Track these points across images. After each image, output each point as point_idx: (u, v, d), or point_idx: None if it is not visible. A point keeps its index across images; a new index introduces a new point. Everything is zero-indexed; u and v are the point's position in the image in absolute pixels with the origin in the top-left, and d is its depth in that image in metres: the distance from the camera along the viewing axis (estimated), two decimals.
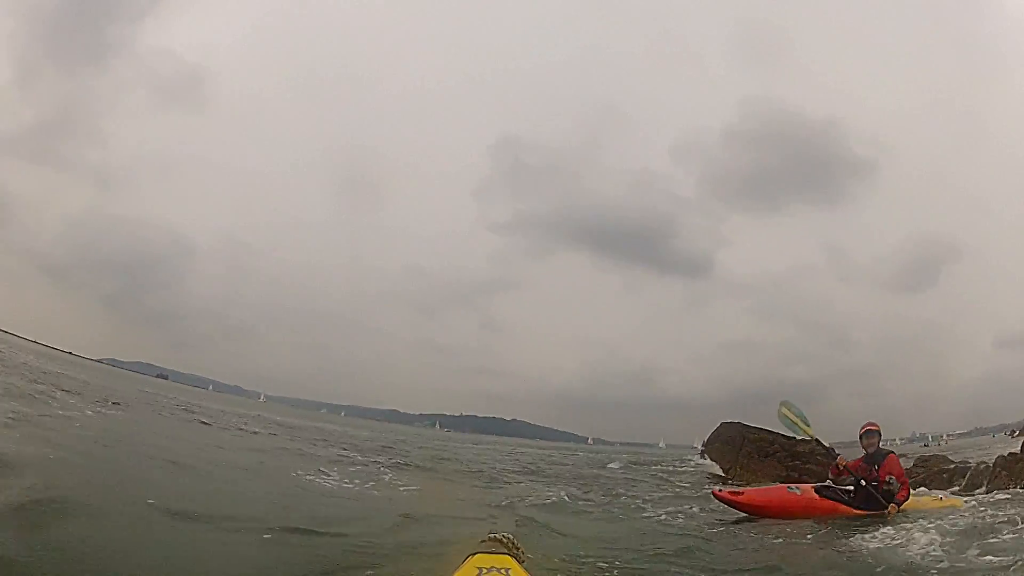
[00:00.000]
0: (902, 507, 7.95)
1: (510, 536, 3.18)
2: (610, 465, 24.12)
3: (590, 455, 31.81)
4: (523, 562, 2.91)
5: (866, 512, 7.99)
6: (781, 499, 8.33)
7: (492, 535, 3.18)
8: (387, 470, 11.31)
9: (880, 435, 8.36)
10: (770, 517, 7.87)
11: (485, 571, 2.64)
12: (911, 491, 8.39)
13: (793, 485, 8.71)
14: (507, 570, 2.68)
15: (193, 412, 21.24)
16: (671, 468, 24.82)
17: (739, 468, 22.62)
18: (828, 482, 8.48)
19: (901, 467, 8.29)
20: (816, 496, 8.28)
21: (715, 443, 25.89)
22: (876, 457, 8.20)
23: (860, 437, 8.24)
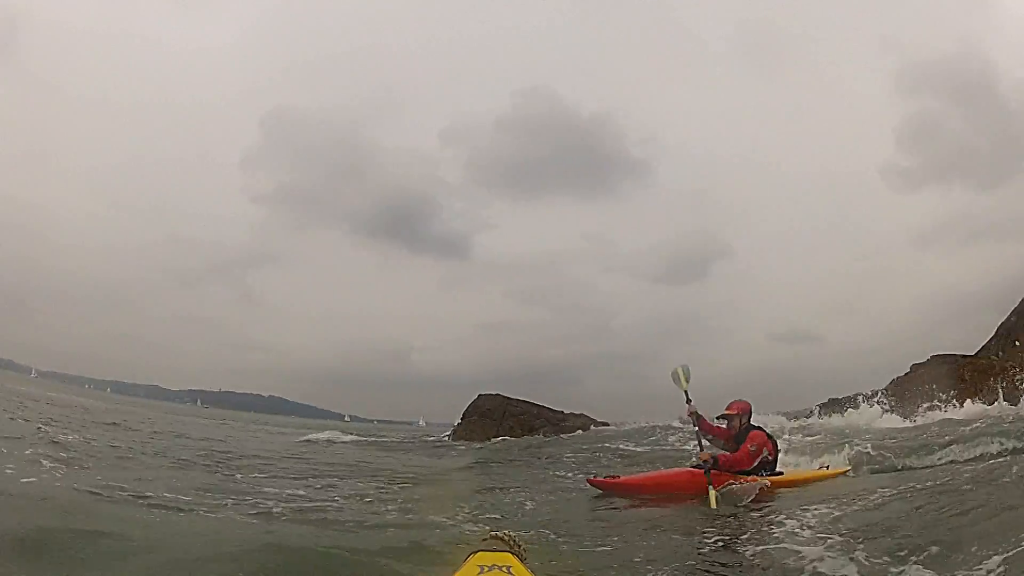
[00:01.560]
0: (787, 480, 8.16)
1: (511, 534, 2.93)
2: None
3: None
4: (525, 560, 2.75)
5: (743, 478, 7.86)
6: (654, 478, 8.34)
7: (494, 533, 2.92)
8: None
9: (748, 414, 8.22)
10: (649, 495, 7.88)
11: (487, 569, 2.53)
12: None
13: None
14: (508, 567, 2.56)
15: None
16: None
17: (501, 440, 20.35)
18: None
19: (768, 440, 8.20)
20: (689, 471, 8.08)
21: (473, 415, 23.40)
22: (740, 437, 8.14)
23: (723, 418, 8.28)
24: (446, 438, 25.22)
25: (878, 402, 21.00)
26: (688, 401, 8.10)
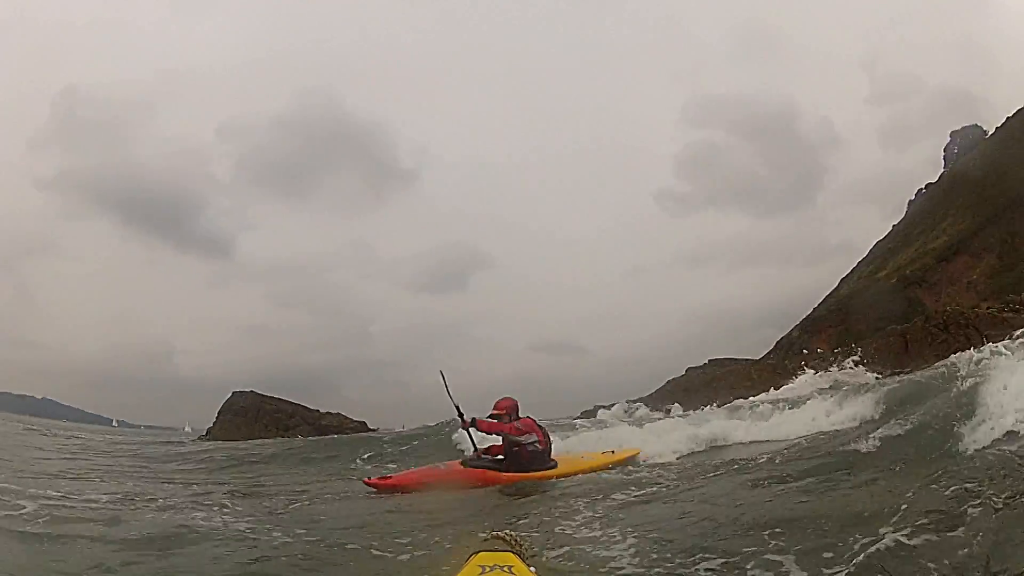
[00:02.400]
0: (577, 469, 8.44)
1: (513, 533, 3.08)
2: None
3: None
4: (526, 560, 2.84)
5: (521, 476, 8.10)
6: (428, 475, 8.25)
7: (495, 533, 3.07)
8: None
9: (515, 410, 8.37)
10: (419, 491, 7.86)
11: (488, 569, 2.63)
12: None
13: (441, 463, 8.76)
14: (510, 567, 2.66)
15: None
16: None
17: (256, 439, 19.04)
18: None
19: (538, 428, 8.40)
20: (461, 468, 8.33)
21: (227, 414, 21.63)
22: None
23: (493, 418, 8.33)
24: (193, 440, 23.06)
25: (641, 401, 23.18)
26: (460, 415, 8.23)
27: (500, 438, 8.42)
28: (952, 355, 11.39)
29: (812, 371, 21.91)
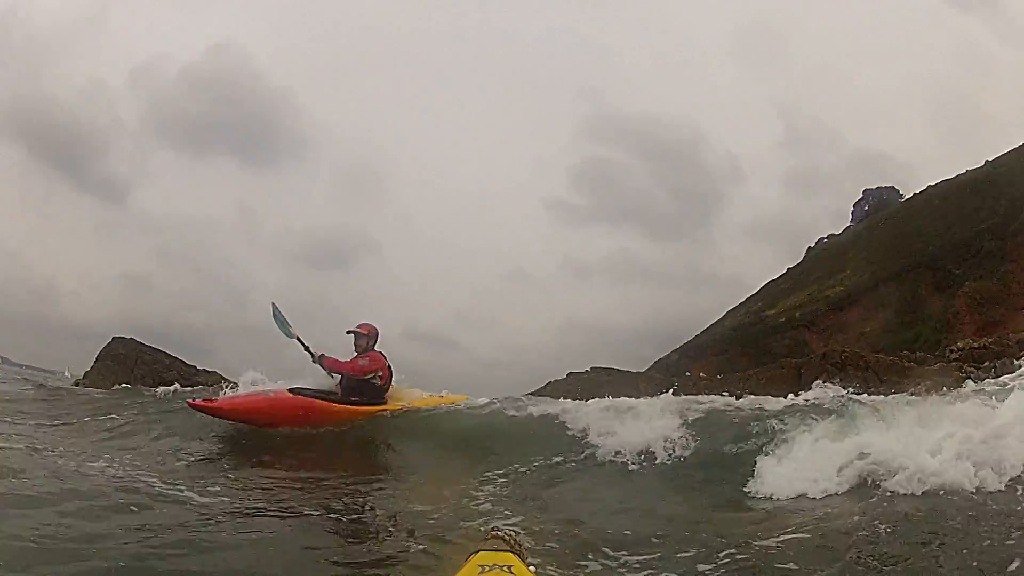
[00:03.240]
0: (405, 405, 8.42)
1: (512, 533, 3.08)
2: None
3: None
4: (526, 559, 2.85)
5: (356, 409, 8.06)
6: (255, 403, 7.93)
7: (495, 532, 3.04)
8: None
9: (375, 337, 8.34)
10: (249, 423, 7.82)
11: (488, 568, 2.61)
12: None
13: (269, 389, 8.26)
14: (510, 567, 2.64)
15: None
16: None
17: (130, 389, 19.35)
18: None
19: (386, 365, 8.33)
20: (289, 395, 7.99)
21: (106, 359, 21.92)
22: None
23: (352, 334, 8.31)
24: (67, 386, 23.18)
25: None
26: (307, 349, 8.16)
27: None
28: None
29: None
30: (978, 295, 35.69)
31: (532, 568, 2.80)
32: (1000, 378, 9.75)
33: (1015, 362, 14.61)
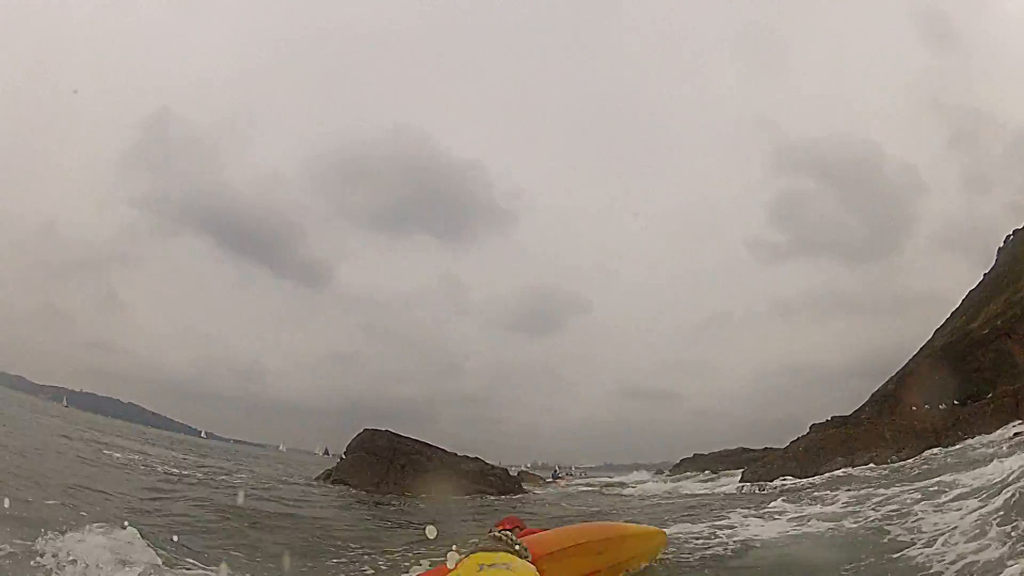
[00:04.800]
0: None
1: (511, 534, 3.09)
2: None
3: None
4: (524, 559, 2.82)
5: None
6: None
7: (493, 533, 3.11)
8: None
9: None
10: None
11: (487, 567, 2.68)
12: None
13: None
14: (508, 566, 2.71)
15: None
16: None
17: (390, 483, 19.18)
18: None
19: None
20: None
21: (358, 451, 21.82)
22: None
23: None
24: (315, 481, 23.17)
25: None
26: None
27: None
28: None
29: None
30: None
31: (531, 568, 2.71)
32: None
33: None
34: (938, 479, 11.66)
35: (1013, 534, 5.87)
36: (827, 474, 21.49)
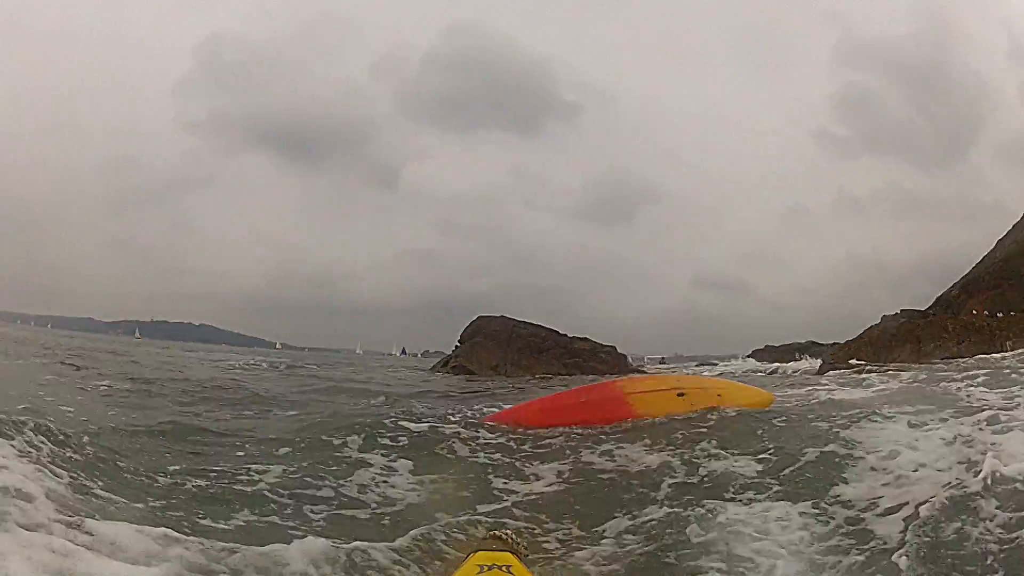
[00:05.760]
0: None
1: (511, 533, 3.15)
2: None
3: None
4: (524, 559, 2.88)
5: None
6: None
7: (493, 532, 3.14)
8: None
9: None
10: None
11: (487, 568, 2.62)
12: None
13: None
14: (508, 567, 2.67)
15: None
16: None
17: (509, 365, 21.15)
18: None
19: None
20: None
21: (475, 338, 23.92)
22: None
23: None
24: (433, 369, 25.18)
25: None
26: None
27: None
28: None
29: None
30: None
31: (531, 568, 2.76)
32: None
33: None
34: None
35: None
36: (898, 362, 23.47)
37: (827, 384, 14.26)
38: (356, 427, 7.03)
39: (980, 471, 4.36)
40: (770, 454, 5.81)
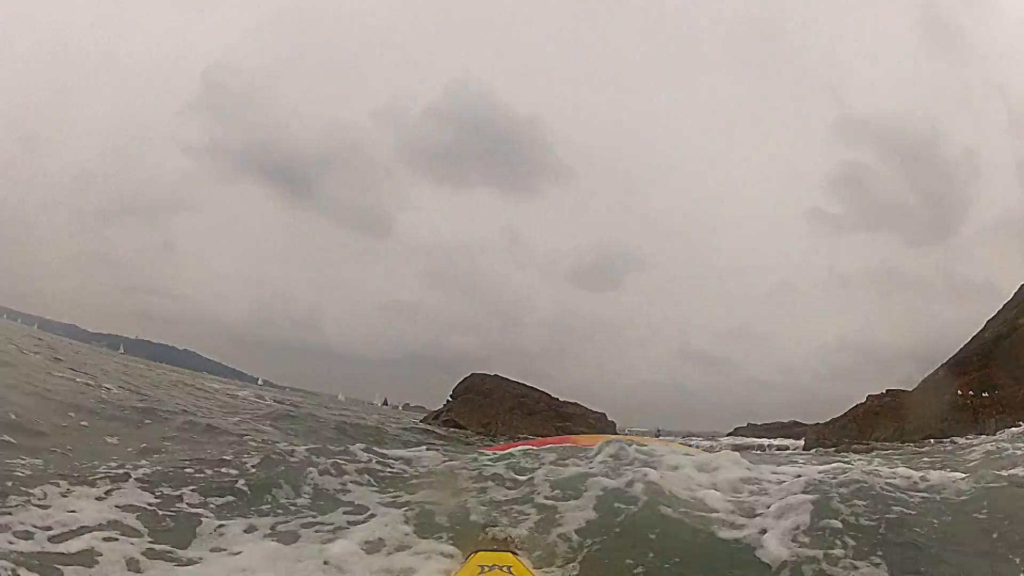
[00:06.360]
0: None
1: (511, 533, 3.28)
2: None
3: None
4: (524, 559, 2.90)
5: None
6: None
7: (494, 533, 3.25)
8: None
9: None
10: None
11: (487, 568, 2.66)
12: None
13: None
14: (508, 567, 2.70)
15: None
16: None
17: (500, 423, 21.53)
18: None
19: None
20: None
21: (468, 393, 24.38)
22: None
23: None
24: (419, 422, 25.40)
25: None
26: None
27: None
28: None
29: None
30: None
31: (531, 568, 2.77)
32: None
33: None
34: None
35: None
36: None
37: (800, 462, 14.45)
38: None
39: None
40: None
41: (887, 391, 27.42)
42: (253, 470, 5.89)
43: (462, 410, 23.94)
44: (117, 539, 4.43)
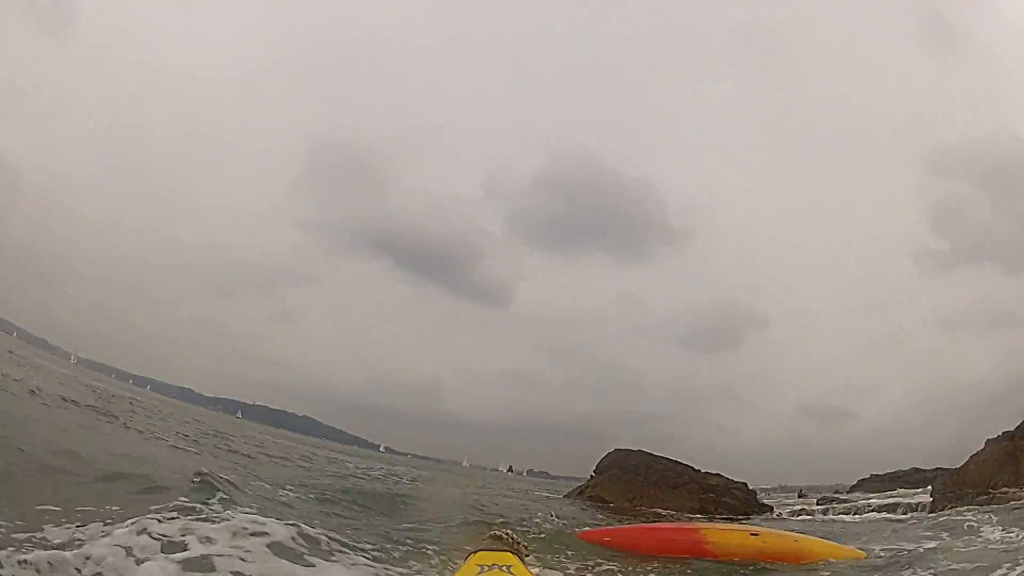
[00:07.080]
0: None
1: (511, 533, 3.21)
2: None
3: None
4: (525, 559, 2.93)
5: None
6: None
7: (494, 532, 3.22)
8: None
9: None
10: None
11: (487, 568, 2.66)
12: None
13: None
14: (509, 567, 2.72)
15: None
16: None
17: (645, 499, 23.10)
18: None
19: None
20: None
21: (611, 469, 26.20)
22: None
23: None
24: (567, 496, 27.34)
25: None
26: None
27: None
28: None
29: None
30: None
31: (531, 568, 2.73)
32: None
33: None
34: None
35: None
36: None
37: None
38: None
39: None
40: None
41: (1003, 433, 28.30)
42: None
43: (607, 485, 25.44)
44: None
